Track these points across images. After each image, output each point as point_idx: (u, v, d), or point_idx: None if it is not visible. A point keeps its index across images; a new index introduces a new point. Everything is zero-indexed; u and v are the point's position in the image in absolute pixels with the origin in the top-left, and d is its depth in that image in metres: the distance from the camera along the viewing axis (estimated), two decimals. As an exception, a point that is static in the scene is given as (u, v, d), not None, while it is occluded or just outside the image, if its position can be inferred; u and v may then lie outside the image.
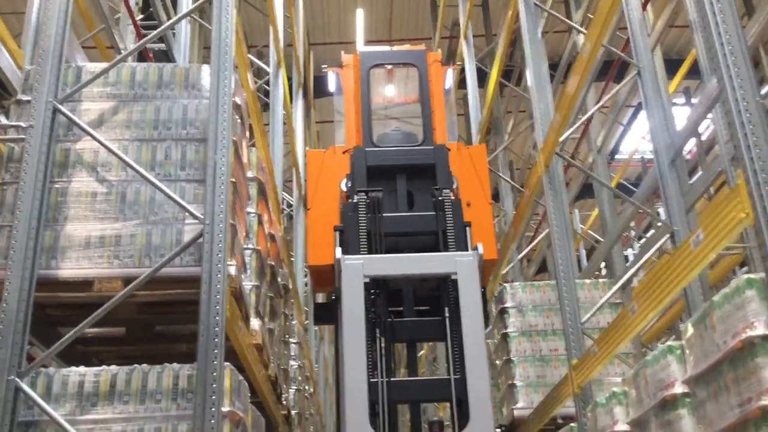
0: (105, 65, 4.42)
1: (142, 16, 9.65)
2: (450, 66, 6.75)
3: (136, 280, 3.87)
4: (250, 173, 5.17)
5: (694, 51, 11.10)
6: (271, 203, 6.23)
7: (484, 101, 10.75)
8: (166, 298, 4.15)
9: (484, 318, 5.21)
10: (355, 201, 5.63)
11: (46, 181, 4.01)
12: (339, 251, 5.40)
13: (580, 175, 13.82)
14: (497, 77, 9.72)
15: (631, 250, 16.97)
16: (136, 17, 8.78)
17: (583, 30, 7.14)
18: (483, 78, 12.33)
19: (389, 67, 6.77)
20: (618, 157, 16.94)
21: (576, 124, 6.98)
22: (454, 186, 5.90)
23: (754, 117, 3.16)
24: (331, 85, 6.88)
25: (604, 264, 11.84)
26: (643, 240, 14.40)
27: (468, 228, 5.64)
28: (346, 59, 6.55)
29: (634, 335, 4.85)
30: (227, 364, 3.81)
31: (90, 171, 4.21)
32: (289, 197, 11.59)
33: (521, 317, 7.93)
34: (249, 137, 5.43)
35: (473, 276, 5.34)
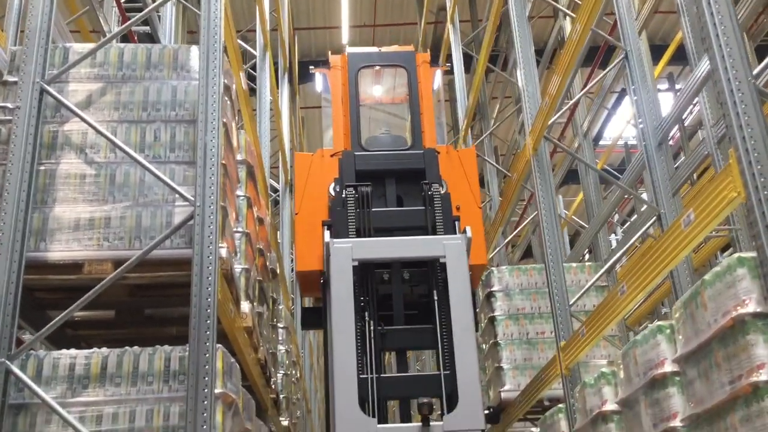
0: (92, 46, 4.37)
1: (125, -2, 9.53)
2: (438, 67, 6.66)
3: (126, 262, 3.84)
4: (239, 156, 5.14)
5: (677, 37, 11.17)
6: (260, 187, 6.20)
7: (470, 87, 10.76)
8: (156, 280, 4.13)
9: (473, 309, 5.20)
10: (344, 196, 5.59)
11: (34, 163, 3.97)
12: (327, 235, 5.39)
13: (564, 161, 13.88)
14: (485, 62, 9.71)
15: (614, 235, 17.10)
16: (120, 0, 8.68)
17: (572, 13, 7.15)
18: (468, 63, 12.33)
19: (377, 68, 6.68)
20: (602, 143, 17.03)
21: (563, 108, 7.00)
22: (443, 191, 5.86)
23: (746, 97, 3.18)
24: (319, 86, 6.77)
25: (587, 250, 11.92)
26: (628, 224, 14.50)
27: (457, 222, 5.63)
28: (333, 60, 6.42)
29: (622, 316, 4.89)
30: (219, 346, 3.80)
31: (78, 153, 4.17)
32: (275, 183, 11.55)
33: (508, 301, 7.97)
34: (237, 120, 5.40)
35: (461, 259, 5.36)
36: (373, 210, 5.57)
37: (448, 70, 11.22)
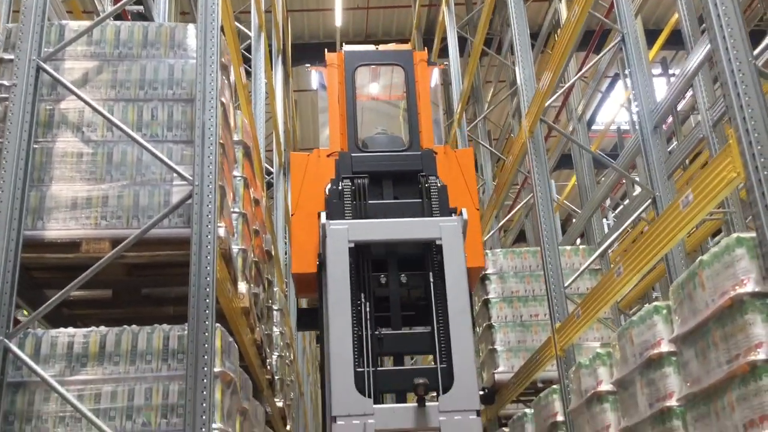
0: (89, 23, 4.33)
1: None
2: (436, 65, 6.58)
3: (124, 241, 3.83)
4: (236, 136, 5.12)
5: (672, 21, 11.17)
6: (255, 168, 6.18)
7: (464, 70, 10.73)
8: (154, 259, 4.12)
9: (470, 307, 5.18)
10: (340, 188, 5.55)
11: (30, 141, 3.94)
12: (323, 216, 5.38)
13: (557, 146, 13.90)
14: (480, 45, 9.69)
15: (606, 220, 17.16)
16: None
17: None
18: (462, 47, 12.29)
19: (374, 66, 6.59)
20: (594, 128, 17.05)
21: (558, 92, 7.00)
22: (440, 184, 5.80)
23: (746, 77, 3.19)
24: (314, 84, 6.69)
25: (579, 235, 11.96)
26: (621, 207, 14.55)
27: (454, 214, 5.60)
28: (330, 58, 6.31)
29: (618, 297, 4.92)
30: (217, 325, 3.80)
31: (75, 131, 4.14)
32: (269, 166, 11.51)
33: (502, 283, 8.00)
34: (234, 100, 5.37)
35: (457, 241, 5.35)
36: (370, 202, 5.53)
37: (444, 68, 11.17)
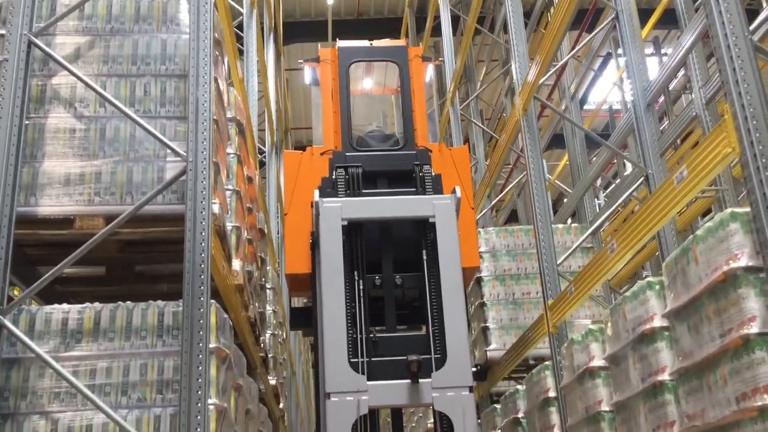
0: (80, -3, 4.28)
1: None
2: (431, 61, 6.50)
3: (117, 217, 3.81)
4: (229, 113, 5.09)
5: (664, 0, 11.15)
6: (249, 146, 6.16)
7: (457, 49, 10.69)
8: (148, 236, 4.11)
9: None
10: (334, 177, 5.52)
11: (23, 117, 3.91)
12: (317, 194, 5.36)
13: (548, 126, 13.90)
14: (474, 22, 9.65)
15: (597, 200, 17.21)
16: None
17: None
18: (455, 25, 12.23)
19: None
20: (586, 108, 17.05)
21: (552, 69, 6.98)
22: (434, 173, 5.76)
23: (742, 52, 3.19)
24: (308, 79, 6.62)
25: (570, 215, 12.00)
26: (612, 187, 14.58)
27: None
28: (323, 54, 6.23)
29: (612, 273, 4.94)
30: (212, 301, 3.80)
31: (67, 107, 4.11)
32: (261, 146, 11.46)
33: (495, 262, 8.03)
34: (227, 77, 5.33)
35: (451, 219, 5.34)
36: (364, 191, 5.50)
37: (439, 64, 11.08)
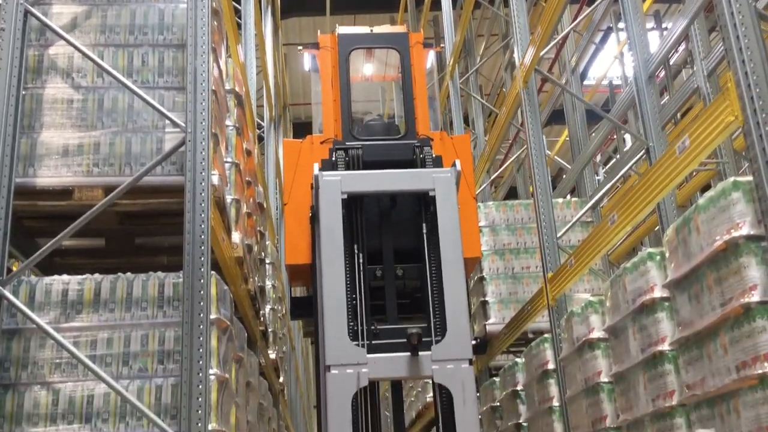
0: (76, -34, 4.23)
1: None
2: (432, 48, 6.41)
3: (117, 188, 3.80)
4: (227, 85, 5.05)
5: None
6: (248, 118, 6.12)
7: (457, 23, 10.61)
8: (147, 207, 4.09)
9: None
10: (334, 159, 5.48)
11: (20, 87, 3.87)
12: (316, 168, 5.33)
13: (548, 102, 13.84)
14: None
15: (597, 176, 17.19)
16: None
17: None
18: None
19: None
20: (585, 83, 16.98)
21: (552, 42, 6.93)
22: (434, 154, 5.70)
23: (746, 19, 3.16)
24: (307, 66, 6.54)
25: (570, 190, 11.98)
26: (613, 161, 14.56)
27: None
28: (323, 40, 6.16)
29: (612, 245, 4.94)
30: (212, 273, 3.79)
31: (65, 77, 4.07)
32: (260, 120, 11.42)
33: (494, 236, 8.03)
34: (226, 49, 5.28)
35: (451, 192, 5.32)
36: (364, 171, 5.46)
37: (441, 48, 10.95)
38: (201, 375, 3.51)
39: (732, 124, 3.21)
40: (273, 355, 7.55)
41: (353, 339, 4.85)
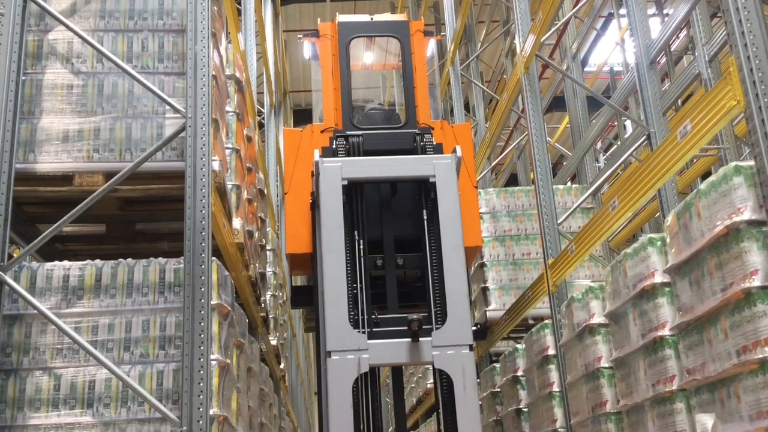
0: (75, -49, 4.20)
1: None
2: (432, 36, 6.36)
3: (117, 174, 3.79)
4: (227, 71, 5.03)
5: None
6: (248, 104, 6.11)
7: (457, 9, 10.56)
8: (147, 193, 4.09)
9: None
10: (335, 147, 5.46)
11: (20, 72, 3.86)
12: (317, 154, 5.32)
13: (549, 89, 13.80)
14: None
15: (597, 163, 17.17)
16: None
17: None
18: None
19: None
20: (586, 70, 16.93)
21: (552, 29, 6.91)
22: (435, 142, 5.69)
23: (749, 3, 3.14)
24: (307, 54, 6.49)
25: (570, 177, 11.97)
26: (614, 148, 14.53)
27: None
28: (323, 28, 6.11)
29: (613, 231, 4.94)
30: (213, 258, 3.79)
31: (64, 62, 4.06)
32: (260, 107, 11.40)
33: (495, 222, 8.03)
34: (226, 35, 5.26)
35: (451, 178, 5.31)
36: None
37: (441, 36, 10.90)
38: (202, 360, 3.51)
39: (734, 108, 3.20)
40: (274, 342, 7.56)
41: (354, 327, 4.86)
